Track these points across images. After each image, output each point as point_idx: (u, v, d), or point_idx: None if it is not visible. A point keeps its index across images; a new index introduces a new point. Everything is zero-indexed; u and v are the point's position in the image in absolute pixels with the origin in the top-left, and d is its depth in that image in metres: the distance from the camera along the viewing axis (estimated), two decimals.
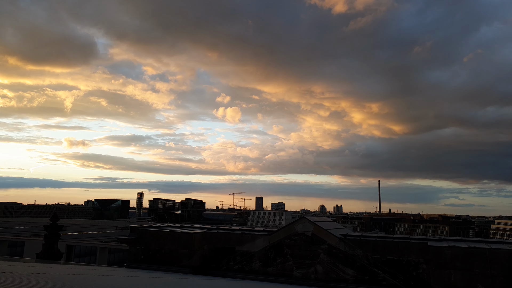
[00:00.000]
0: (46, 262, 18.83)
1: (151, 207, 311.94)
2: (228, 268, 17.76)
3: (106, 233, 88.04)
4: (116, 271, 16.17)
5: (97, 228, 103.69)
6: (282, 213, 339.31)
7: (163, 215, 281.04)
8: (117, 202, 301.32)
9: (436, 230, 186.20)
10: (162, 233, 18.32)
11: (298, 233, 16.76)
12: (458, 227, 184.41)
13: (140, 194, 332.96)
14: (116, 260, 71.03)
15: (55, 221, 21.49)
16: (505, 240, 14.63)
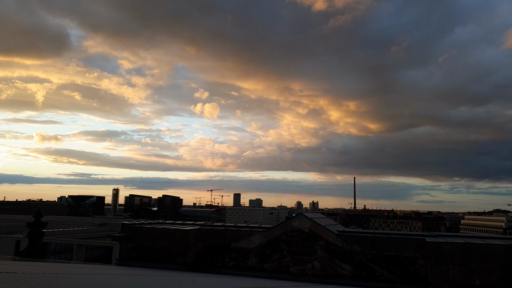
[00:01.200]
0: (32, 260, 18.08)
1: (127, 203, 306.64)
2: (224, 265, 17.57)
3: (83, 230, 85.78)
4: (109, 269, 15.68)
5: (73, 225, 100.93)
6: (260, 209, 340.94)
7: (140, 211, 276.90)
8: (92, 198, 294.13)
9: (410, 226, 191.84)
10: (156, 230, 17.92)
11: (295, 229, 16.75)
12: (430, 222, 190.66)
13: (115, 191, 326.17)
14: (93, 258, 69.38)
15: (39, 218, 20.67)
16: (500, 236, 15.10)
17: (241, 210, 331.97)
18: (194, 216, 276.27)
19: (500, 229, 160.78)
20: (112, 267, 16.62)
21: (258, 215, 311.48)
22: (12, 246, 63.29)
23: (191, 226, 18.53)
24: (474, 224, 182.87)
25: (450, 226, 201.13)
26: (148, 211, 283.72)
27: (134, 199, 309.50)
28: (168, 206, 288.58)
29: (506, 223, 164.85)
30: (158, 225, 18.59)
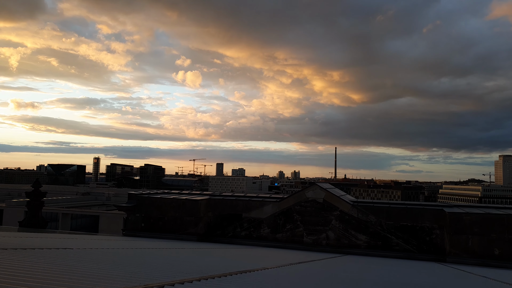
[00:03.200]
0: (35, 231, 17.45)
1: (108, 172, 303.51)
2: (235, 234, 17.42)
3: (67, 198, 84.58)
4: (123, 240, 15.25)
5: (56, 193, 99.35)
6: (243, 178, 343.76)
7: (122, 180, 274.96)
8: (73, 167, 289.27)
9: (390, 195, 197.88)
10: (165, 200, 17.48)
11: (309, 199, 16.60)
12: (410, 192, 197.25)
13: (96, 159, 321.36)
14: (78, 226, 68.83)
15: (38, 187, 19.86)
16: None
17: (224, 179, 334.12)
18: (177, 185, 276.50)
19: (476, 198, 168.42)
20: (121, 238, 16.18)
21: (241, 184, 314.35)
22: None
23: (201, 196, 18.16)
24: (451, 193, 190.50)
25: (428, 195, 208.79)
26: (130, 180, 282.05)
27: (115, 168, 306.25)
28: (150, 175, 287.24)
29: (482, 192, 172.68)
30: (167, 195, 18.13)
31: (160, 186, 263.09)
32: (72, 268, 4.81)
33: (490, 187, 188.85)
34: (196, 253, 11.40)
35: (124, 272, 4.78)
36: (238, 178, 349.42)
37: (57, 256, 6.20)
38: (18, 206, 63.78)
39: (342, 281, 6.94)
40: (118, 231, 56.08)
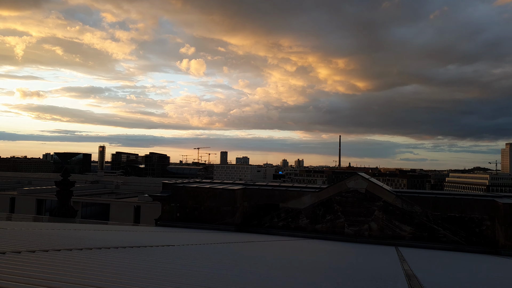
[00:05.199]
0: (69, 220, 17.18)
1: (114, 160, 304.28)
2: (272, 225, 17.09)
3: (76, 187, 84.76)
4: (162, 230, 14.92)
5: None
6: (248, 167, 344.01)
7: (127, 168, 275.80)
8: (78, 155, 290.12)
9: (395, 183, 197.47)
10: (201, 190, 17.11)
11: (350, 190, 16.20)
12: (415, 180, 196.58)
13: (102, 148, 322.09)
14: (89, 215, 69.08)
15: (67, 176, 19.54)
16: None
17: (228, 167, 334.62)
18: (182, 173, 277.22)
19: (484, 186, 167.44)
20: (158, 228, 15.85)
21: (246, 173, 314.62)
22: (7, 203, 62.18)
23: (237, 186, 17.78)
24: (458, 181, 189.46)
25: (434, 184, 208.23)
26: (136, 168, 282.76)
27: (121, 156, 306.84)
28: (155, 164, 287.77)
29: (490, 181, 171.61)
30: (203, 184, 17.76)
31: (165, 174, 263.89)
32: (216, 272, 4.40)
33: (498, 175, 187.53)
34: (279, 247, 11.01)
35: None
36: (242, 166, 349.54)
37: (176, 255, 5.73)
38: (29, 194, 63.92)
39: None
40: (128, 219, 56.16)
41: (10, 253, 3.67)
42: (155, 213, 52.31)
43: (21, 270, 3.04)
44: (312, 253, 10.16)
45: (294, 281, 4.53)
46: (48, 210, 64.12)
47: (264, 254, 8.17)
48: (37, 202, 64.19)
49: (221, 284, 3.68)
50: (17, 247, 4.01)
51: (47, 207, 63.93)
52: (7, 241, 4.66)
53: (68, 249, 4.34)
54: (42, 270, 3.18)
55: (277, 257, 7.72)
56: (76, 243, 5.22)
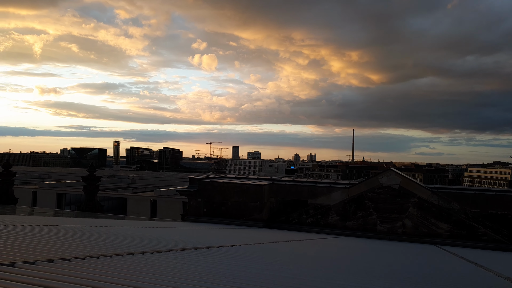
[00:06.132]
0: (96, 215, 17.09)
1: (128, 155, 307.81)
2: (300, 221, 16.70)
3: None
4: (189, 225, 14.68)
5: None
6: (259, 161, 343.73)
7: (141, 163, 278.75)
8: (94, 150, 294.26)
9: None
10: (228, 185, 16.81)
11: (382, 186, 15.67)
12: (432, 175, 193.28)
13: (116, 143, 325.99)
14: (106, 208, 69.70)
15: (93, 171, 19.48)
16: None
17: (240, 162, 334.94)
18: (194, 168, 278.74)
19: (505, 181, 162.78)
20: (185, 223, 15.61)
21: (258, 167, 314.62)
22: (30, 196, 63.30)
23: (263, 181, 17.43)
24: (478, 176, 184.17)
25: (452, 178, 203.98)
26: (150, 163, 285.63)
27: (135, 151, 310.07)
28: (168, 158, 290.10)
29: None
30: (230, 180, 17.46)
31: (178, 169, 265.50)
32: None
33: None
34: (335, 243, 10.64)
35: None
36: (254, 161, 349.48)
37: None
38: (50, 188, 64.86)
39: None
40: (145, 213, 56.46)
41: (75, 259, 3.37)
42: (171, 208, 52.63)
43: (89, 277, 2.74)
44: (375, 254, 9.65)
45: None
46: (68, 204, 65.13)
47: (325, 254, 7.77)
48: (57, 196, 65.15)
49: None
50: (82, 252, 3.72)
51: (66, 201, 64.91)
52: (69, 244, 4.38)
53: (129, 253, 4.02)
54: (121, 275, 2.86)
55: (346, 259, 7.28)
56: (132, 243, 4.93)
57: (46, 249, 3.75)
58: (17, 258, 3.18)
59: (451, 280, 5.82)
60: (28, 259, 3.16)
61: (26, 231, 5.19)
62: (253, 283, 3.23)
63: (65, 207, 61.33)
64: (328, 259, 7.00)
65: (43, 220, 7.70)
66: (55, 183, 69.45)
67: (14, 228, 5.37)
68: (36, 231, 5.28)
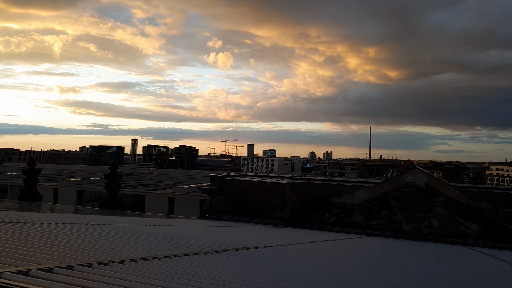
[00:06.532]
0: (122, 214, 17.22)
1: (145, 153, 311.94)
2: (323, 220, 16.45)
3: None
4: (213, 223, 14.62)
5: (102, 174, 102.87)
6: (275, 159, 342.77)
7: (158, 161, 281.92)
8: (112, 148, 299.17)
9: None
10: (250, 183, 16.70)
11: (408, 184, 15.28)
12: (452, 173, 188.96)
13: (134, 141, 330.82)
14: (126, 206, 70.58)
15: (115, 169, 19.65)
16: None
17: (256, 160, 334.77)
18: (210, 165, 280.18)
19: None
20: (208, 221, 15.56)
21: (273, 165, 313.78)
22: (51, 193, 64.67)
23: (285, 179, 17.24)
24: (500, 174, 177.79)
25: (473, 177, 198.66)
26: (166, 160, 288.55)
27: (152, 149, 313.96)
28: (185, 156, 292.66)
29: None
30: (251, 178, 17.34)
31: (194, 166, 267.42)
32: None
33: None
34: None
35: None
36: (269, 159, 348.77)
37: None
38: (70, 185, 66.05)
39: None
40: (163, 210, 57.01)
41: (127, 262, 3.26)
42: (188, 205, 52.90)
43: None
44: (420, 256, 9.29)
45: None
46: (87, 201, 66.32)
47: (365, 256, 7.51)
48: (78, 193, 66.22)
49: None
50: (132, 254, 3.61)
51: (86, 198, 66.06)
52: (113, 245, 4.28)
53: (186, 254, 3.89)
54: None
55: (389, 261, 6.98)
56: (175, 244, 4.82)
57: (99, 251, 3.66)
58: (74, 261, 3.09)
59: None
60: (84, 261, 3.07)
61: (66, 231, 5.16)
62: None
63: (85, 204, 62.44)
64: (370, 261, 6.77)
65: (75, 218, 7.72)
66: (75, 181, 70.64)
67: (56, 227, 5.34)
68: (75, 230, 5.24)
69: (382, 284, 4.10)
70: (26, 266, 2.74)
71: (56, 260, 3.11)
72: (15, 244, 3.69)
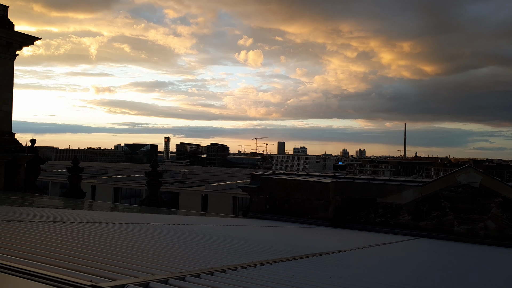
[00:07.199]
0: (158, 211, 17.41)
1: (178, 151, 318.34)
2: (368, 221, 15.93)
3: None
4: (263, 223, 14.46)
5: (136, 171, 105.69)
6: (306, 157, 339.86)
7: (190, 158, 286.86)
8: (146, 146, 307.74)
9: None
10: (291, 182, 16.43)
11: (460, 184, 14.49)
12: (493, 171, 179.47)
13: (167, 139, 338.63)
14: None
15: (156, 167, 19.92)
16: None
17: (286, 158, 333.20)
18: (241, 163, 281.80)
19: None
20: (254, 221, 15.42)
21: (304, 163, 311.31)
22: (89, 190, 67.07)
23: (328, 178, 16.84)
24: None
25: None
26: (198, 158, 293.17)
27: (184, 147, 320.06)
28: (216, 154, 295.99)
29: None
30: (293, 176, 17.06)
31: (225, 164, 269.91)
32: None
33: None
34: None
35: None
36: (300, 156, 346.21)
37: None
38: (107, 182, 68.07)
39: None
40: (196, 207, 57.55)
41: (229, 270, 3.08)
42: (221, 202, 53.24)
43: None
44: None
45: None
46: (123, 197, 68.23)
47: (440, 261, 7.06)
48: (114, 190, 68.06)
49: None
50: (221, 261, 3.45)
51: (122, 195, 67.99)
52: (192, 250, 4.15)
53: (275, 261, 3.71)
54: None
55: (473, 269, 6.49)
56: (256, 249, 4.64)
57: (192, 258, 3.51)
58: (181, 271, 2.95)
59: None
60: (191, 271, 2.92)
61: (139, 232, 5.10)
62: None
63: (121, 201, 64.27)
64: (451, 267, 6.33)
65: (132, 217, 7.74)
66: (111, 178, 72.70)
67: (126, 229, 5.32)
68: (146, 232, 5.17)
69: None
70: (143, 277, 2.64)
71: (163, 269, 2.99)
72: (106, 249, 3.60)
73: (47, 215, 6.67)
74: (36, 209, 8.67)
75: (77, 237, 4.20)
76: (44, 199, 15.35)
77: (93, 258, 3.09)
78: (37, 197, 15.95)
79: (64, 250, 3.28)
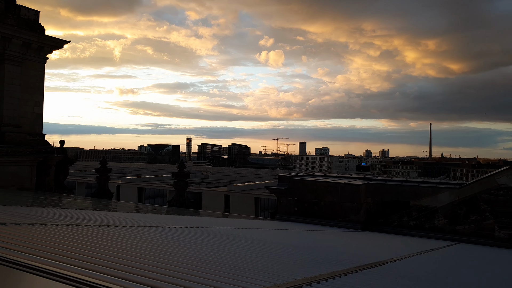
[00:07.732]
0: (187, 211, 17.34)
1: (199, 151, 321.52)
2: (401, 224, 15.37)
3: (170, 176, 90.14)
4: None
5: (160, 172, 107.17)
6: (328, 158, 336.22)
7: (212, 159, 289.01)
8: (168, 147, 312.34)
9: None
10: (320, 184, 16.04)
11: (501, 186, 13.75)
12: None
13: (189, 140, 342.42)
14: None
15: (182, 168, 19.93)
16: None
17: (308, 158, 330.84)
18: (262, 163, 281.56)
19: None
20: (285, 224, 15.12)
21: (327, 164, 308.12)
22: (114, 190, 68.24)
23: (358, 180, 16.36)
24: None
25: None
26: (219, 158, 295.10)
27: (206, 147, 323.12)
28: (237, 154, 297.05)
29: None
30: (322, 178, 16.68)
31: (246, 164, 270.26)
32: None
33: None
34: None
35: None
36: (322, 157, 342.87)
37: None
38: (131, 183, 69.01)
39: None
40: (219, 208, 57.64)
41: (314, 283, 2.84)
42: (243, 203, 53.10)
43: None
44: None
45: None
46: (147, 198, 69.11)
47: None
48: (138, 190, 68.94)
49: None
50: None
51: (146, 195, 68.89)
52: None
53: None
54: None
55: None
56: (318, 258, 4.38)
57: (264, 267, 3.27)
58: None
59: None
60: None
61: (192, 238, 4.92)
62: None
63: (145, 201, 65.08)
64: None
65: (169, 220, 7.62)
66: (135, 178, 73.66)
67: (173, 233, 5.17)
68: (201, 238, 4.99)
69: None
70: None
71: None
72: (166, 258, 3.39)
73: (90, 218, 6.61)
74: (79, 211, 8.66)
75: (130, 244, 4.03)
76: (78, 199, 15.54)
77: (161, 270, 2.88)
78: (69, 197, 16.17)
79: (130, 256, 3.11)
